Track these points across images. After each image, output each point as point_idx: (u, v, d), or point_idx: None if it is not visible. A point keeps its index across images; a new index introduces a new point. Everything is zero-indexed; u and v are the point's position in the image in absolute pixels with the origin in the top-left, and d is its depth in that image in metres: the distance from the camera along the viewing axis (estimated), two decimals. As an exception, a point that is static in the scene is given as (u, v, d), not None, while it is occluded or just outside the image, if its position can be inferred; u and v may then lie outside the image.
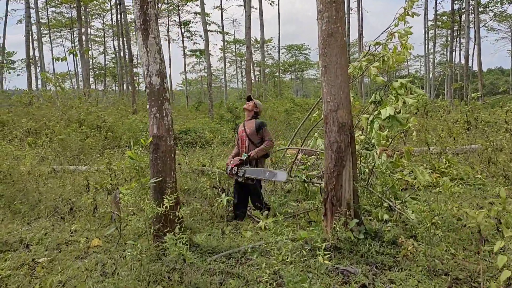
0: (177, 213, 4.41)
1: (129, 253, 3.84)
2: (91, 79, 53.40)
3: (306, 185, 7.05)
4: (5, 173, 6.56)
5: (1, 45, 39.00)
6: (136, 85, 47.74)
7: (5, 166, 6.63)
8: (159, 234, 4.32)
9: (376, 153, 5.63)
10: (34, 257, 4.47)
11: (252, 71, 48.22)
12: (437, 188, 5.98)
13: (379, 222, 5.18)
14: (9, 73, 52.52)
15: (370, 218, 5.45)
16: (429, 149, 9.66)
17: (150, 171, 4.46)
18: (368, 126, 6.48)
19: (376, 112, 6.32)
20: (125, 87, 39.86)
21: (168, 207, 4.13)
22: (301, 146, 7.75)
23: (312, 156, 8.68)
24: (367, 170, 5.94)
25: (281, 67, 57.13)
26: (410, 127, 6.58)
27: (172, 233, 4.04)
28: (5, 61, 45.69)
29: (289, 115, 18.73)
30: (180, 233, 3.93)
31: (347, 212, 4.52)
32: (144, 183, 4.22)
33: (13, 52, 44.57)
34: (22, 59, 56.44)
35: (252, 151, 5.75)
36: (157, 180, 4.32)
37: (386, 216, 5.33)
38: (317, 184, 6.87)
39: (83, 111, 13.24)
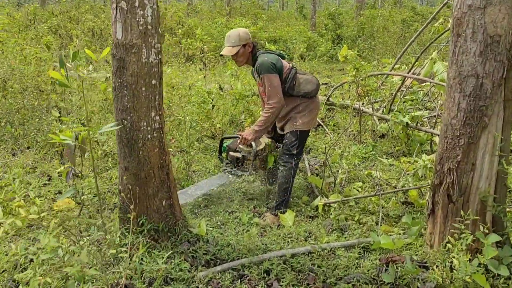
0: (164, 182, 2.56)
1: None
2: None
3: (409, 130, 4.69)
4: (12, 83, 5.15)
5: None
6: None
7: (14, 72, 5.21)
8: (126, 216, 2.52)
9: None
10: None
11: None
12: None
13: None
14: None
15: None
16: None
17: (114, 108, 2.53)
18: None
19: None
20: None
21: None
22: (408, 71, 5.22)
23: (427, 83, 6.08)
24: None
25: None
26: None
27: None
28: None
29: (406, 27, 15.26)
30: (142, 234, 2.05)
31: (479, 220, 2.24)
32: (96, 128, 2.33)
33: None
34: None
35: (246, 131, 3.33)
36: (119, 127, 2.40)
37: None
38: (429, 132, 4.50)
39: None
